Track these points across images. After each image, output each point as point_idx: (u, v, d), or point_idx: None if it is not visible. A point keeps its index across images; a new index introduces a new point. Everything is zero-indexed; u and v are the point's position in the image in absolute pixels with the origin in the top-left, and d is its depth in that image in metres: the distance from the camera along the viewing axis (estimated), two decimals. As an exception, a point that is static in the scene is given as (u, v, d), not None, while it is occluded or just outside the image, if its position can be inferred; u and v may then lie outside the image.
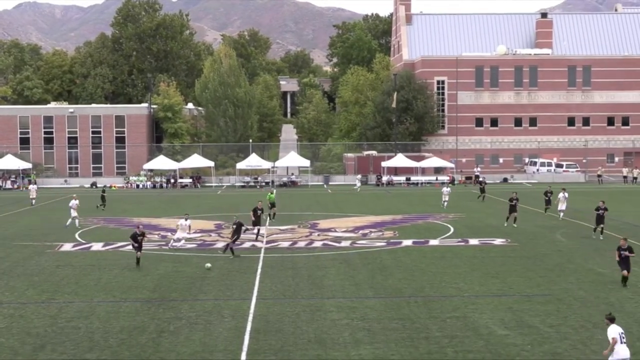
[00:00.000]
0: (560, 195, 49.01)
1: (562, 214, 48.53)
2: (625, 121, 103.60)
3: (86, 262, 34.31)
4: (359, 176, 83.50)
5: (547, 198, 52.80)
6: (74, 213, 46.62)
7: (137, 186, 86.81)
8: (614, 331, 17.35)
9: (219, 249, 37.14)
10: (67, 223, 46.51)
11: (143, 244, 33.64)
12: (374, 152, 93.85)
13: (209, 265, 31.45)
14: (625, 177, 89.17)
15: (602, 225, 40.49)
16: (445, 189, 59.30)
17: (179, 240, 38.45)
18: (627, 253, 28.00)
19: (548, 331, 21.97)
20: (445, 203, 57.26)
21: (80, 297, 27.04)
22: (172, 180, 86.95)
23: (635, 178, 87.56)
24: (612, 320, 17.80)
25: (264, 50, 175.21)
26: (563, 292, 27.00)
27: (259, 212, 40.85)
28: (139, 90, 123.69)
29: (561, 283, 28.67)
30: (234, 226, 36.17)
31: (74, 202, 47.03)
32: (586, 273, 30.66)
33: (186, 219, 38.98)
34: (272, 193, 51.67)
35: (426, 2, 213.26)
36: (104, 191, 62.35)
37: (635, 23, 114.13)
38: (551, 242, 39.25)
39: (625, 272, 27.97)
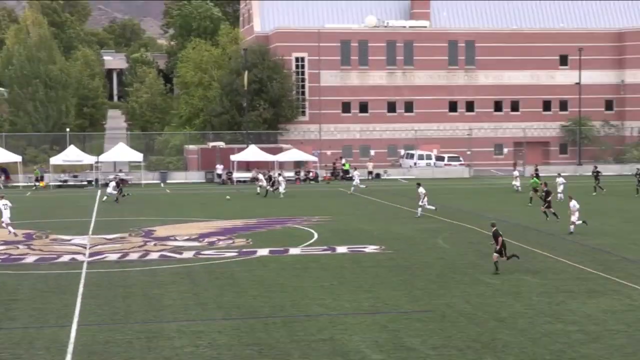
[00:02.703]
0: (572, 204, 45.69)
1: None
2: (515, 106, 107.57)
3: None
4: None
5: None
6: None
7: None
8: None
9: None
10: None
11: None
12: (221, 144, 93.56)
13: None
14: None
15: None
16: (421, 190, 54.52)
17: None
18: None
19: (430, 354, 22.50)
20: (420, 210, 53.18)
21: None
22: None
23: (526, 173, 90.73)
24: None
25: (82, 18, 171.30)
26: (446, 307, 27.73)
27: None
28: None
29: (444, 296, 29.43)
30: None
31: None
32: (473, 284, 31.60)
33: None
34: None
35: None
36: None
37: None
38: (432, 249, 40.23)
39: None
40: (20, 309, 28.13)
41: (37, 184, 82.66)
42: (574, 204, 44.89)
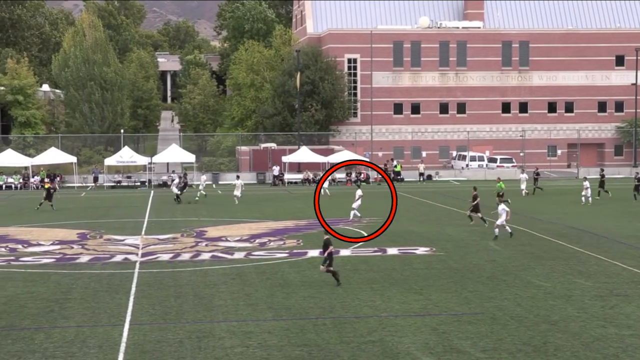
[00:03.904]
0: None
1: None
2: (569, 107, 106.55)
3: None
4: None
5: None
6: None
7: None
8: None
9: None
10: None
11: None
12: (273, 145, 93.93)
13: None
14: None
15: None
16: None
17: None
18: None
19: (480, 357, 22.37)
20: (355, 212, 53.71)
21: None
22: (21, 180, 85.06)
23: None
24: None
25: (137, 20, 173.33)
26: (497, 310, 27.55)
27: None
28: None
29: (495, 299, 29.25)
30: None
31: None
32: (524, 287, 31.36)
33: None
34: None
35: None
36: None
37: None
38: (483, 251, 39.99)
39: None
40: (74, 308, 28.45)
41: (42, 184, 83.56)
42: (502, 207, 43.67)
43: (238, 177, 69.35)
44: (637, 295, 29.79)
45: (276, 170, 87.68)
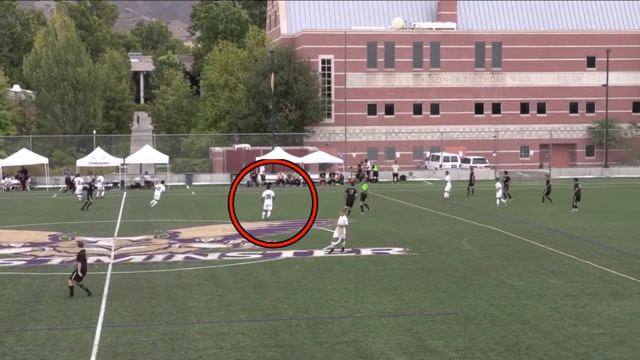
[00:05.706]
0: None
1: None
2: (541, 108, 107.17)
3: None
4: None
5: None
6: None
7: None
8: None
9: None
10: None
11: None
12: (247, 146, 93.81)
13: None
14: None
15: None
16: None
17: None
18: None
19: (453, 356, 22.46)
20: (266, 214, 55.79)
21: None
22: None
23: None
24: None
25: (110, 21, 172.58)
26: (470, 310, 27.67)
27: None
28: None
29: (468, 299, 29.37)
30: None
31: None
32: (497, 286, 31.52)
33: None
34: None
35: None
36: None
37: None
38: (457, 251, 40.13)
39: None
40: (45, 310, 28.29)
41: None
42: (343, 219, 40.34)
43: (163, 182, 71.47)
44: (608, 294, 30.02)
45: (262, 169, 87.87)
